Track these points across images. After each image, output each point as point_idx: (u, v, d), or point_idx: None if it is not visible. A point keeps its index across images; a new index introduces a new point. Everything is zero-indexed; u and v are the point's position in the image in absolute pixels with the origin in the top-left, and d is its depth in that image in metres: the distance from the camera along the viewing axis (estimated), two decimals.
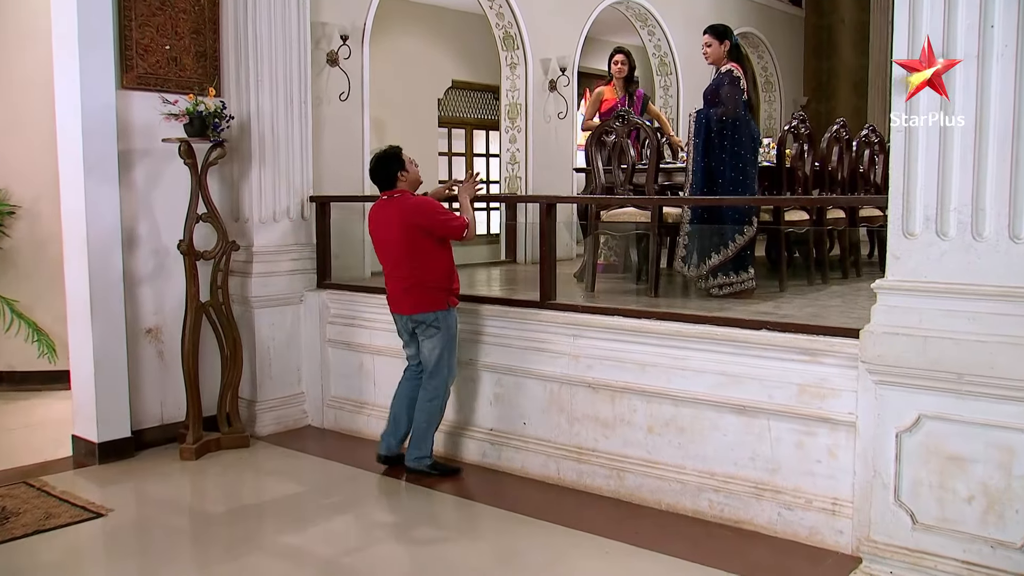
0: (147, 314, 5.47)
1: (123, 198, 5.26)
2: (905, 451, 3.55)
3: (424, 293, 4.76)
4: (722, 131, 5.19)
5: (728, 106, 5.19)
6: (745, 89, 5.30)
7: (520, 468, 4.97)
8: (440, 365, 4.84)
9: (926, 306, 3.46)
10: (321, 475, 5.17)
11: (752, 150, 5.29)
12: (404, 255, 4.76)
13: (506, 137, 8.45)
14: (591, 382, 4.68)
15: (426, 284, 4.75)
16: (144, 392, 5.46)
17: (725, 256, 5.19)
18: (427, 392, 4.88)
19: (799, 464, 4.05)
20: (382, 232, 4.84)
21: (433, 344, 4.81)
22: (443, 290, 4.81)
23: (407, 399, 5.00)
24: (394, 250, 4.79)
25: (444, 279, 4.81)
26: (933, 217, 3.44)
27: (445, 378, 4.88)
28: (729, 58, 5.38)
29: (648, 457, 4.50)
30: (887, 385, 3.57)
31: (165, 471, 5.12)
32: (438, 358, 4.82)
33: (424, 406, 4.89)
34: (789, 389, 4.03)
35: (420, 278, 4.75)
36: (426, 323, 4.79)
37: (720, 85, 5.28)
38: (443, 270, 4.81)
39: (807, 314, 4.63)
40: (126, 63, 5.26)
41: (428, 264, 4.76)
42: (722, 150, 5.18)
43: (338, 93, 6.47)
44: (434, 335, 4.79)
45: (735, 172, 5.18)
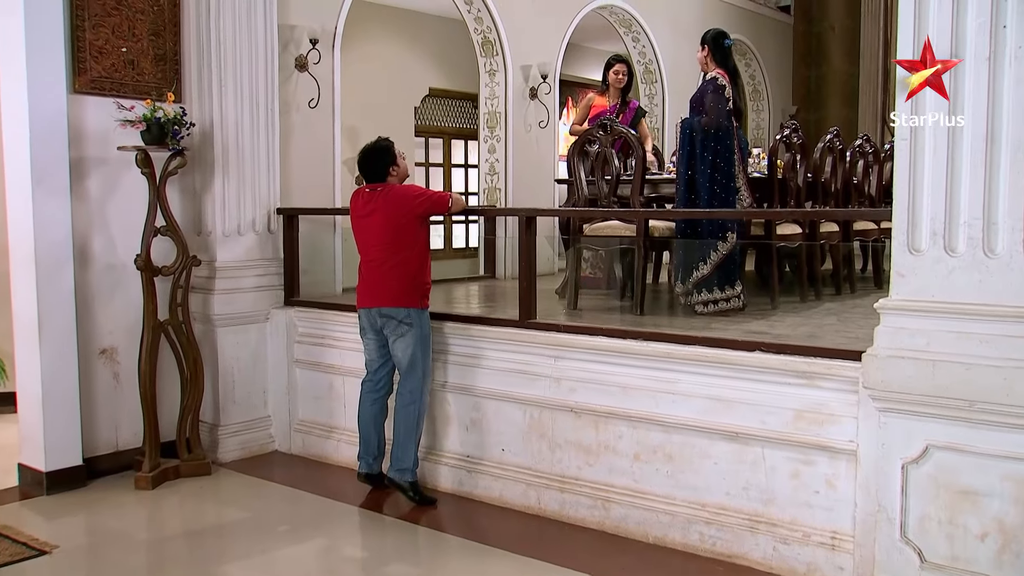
0: (101, 334, 5.24)
1: (75, 210, 5.02)
2: (912, 483, 3.42)
3: (400, 282, 4.66)
4: (704, 141, 5.07)
5: (711, 115, 5.07)
6: (731, 97, 5.15)
7: (498, 497, 4.79)
8: (414, 366, 4.69)
9: (934, 327, 3.33)
10: (287, 505, 4.93)
11: (735, 161, 5.14)
12: (388, 244, 4.68)
13: (485, 147, 8.31)
14: (574, 406, 4.50)
15: (403, 270, 4.66)
16: (97, 417, 5.22)
17: (704, 271, 5.07)
18: (403, 397, 4.73)
19: (796, 495, 3.87)
20: (363, 220, 4.78)
21: (406, 343, 4.67)
22: (418, 286, 4.70)
23: (370, 416, 4.88)
24: (377, 234, 4.72)
25: (423, 272, 4.74)
26: (941, 231, 3.29)
27: (421, 380, 4.72)
28: (717, 64, 5.24)
29: (635, 486, 4.32)
30: (892, 412, 3.45)
31: (118, 502, 4.87)
32: (411, 358, 4.68)
33: (401, 413, 4.73)
34: (785, 415, 3.86)
35: (399, 260, 4.66)
36: (397, 319, 4.66)
37: (704, 93, 5.16)
38: (423, 255, 4.76)
39: (802, 334, 4.49)
40: (79, 66, 5.03)
41: (410, 255, 4.69)
42: (702, 161, 5.07)
43: (307, 100, 6.25)
44: (406, 333, 4.66)
45: (715, 184, 5.06)
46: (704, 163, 5.05)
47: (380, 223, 4.69)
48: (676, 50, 9.68)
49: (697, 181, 5.09)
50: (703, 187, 5.06)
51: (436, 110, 11.42)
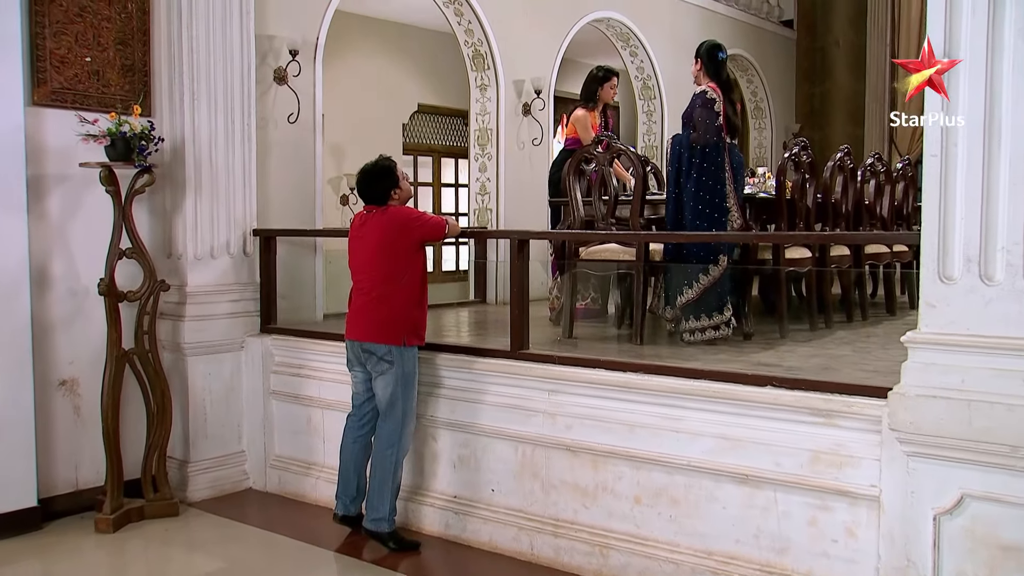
0: (61, 364, 4.98)
1: (33, 230, 4.78)
2: (945, 537, 3.18)
3: (385, 317, 4.41)
4: (691, 158, 4.90)
5: (699, 130, 4.89)
6: (721, 112, 4.94)
7: (488, 542, 4.54)
8: (394, 407, 4.43)
9: (970, 364, 3.08)
10: (260, 550, 4.65)
11: (725, 180, 4.92)
12: (379, 272, 4.45)
13: (476, 165, 8.08)
14: (570, 444, 4.28)
15: (391, 307, 4.41)
16: (55, 454, 4.95)
17: (689, 297, 4.89)
18: (381, 440, 4.48)
19: (812, 544, 3.64)
20: (359, 242, 4.55)
21: (386, 382, 4.42)
22: (405, 322, 4.43)
23: (352, 455, 4.61)
24: (370, 258, 4.48)
25: (412, 307, 4.48)
26: (975, 258, 3.07)
27: (401, 423, 4.45)
28: (710, 77, 5.04)
29: (636, 532, 4.10)
30: (922, 457, 3.22)
31: (76, 547, 4.59)
32: (390, 398, 4.43)
33: (378, 458, 4.47)
34: (799, 456, 3.64)
35: (388, 298, 4.42)
36: (377, 355, 4.41)
37: (694, 108, 4.99)
38: (415, 287, 4.49)
39: (815, 366, 4.26)
40: (38, 76, 4.79)
41: (400, 287, 4.45)
42: (688, 179, 4.90)
43: (287, 114, 6.02)
44: (386, 371, 4.40)
45: (701, 204, 4.87)
46: (690, 181, 4.88)
47: (373, 247, 4.46)
48: (675, 65, 9.49)
49: (683, 200, 4.93)
50: (688, 207, 4.90)
51: (425, 127, 11.26)
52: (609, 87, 6.40)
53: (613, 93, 6.44)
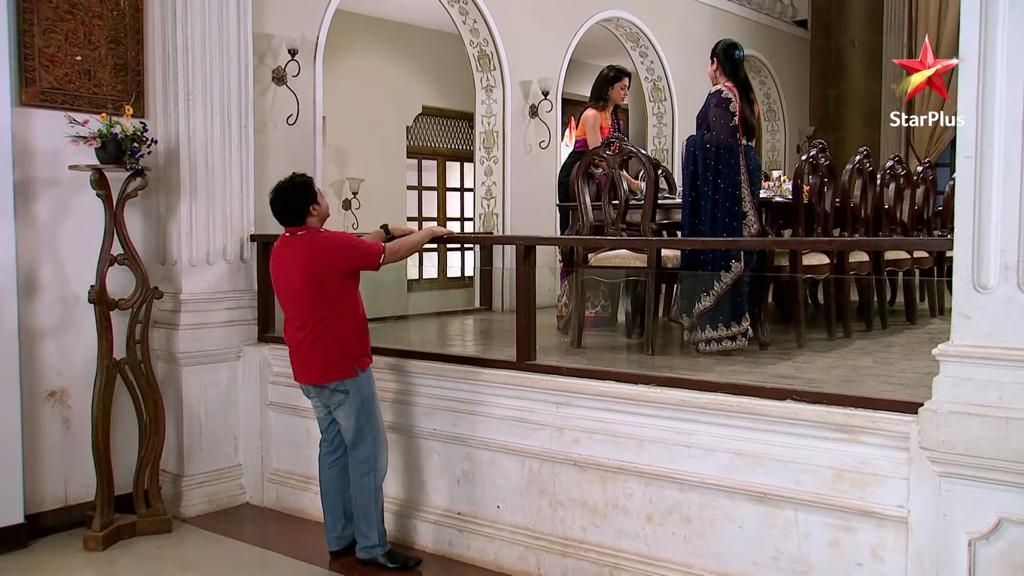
0: (50, 374, 4.85)
1: (20, 236, 4.66)
2: (981, 564, 3.08)
3: (327, 354, 4.21)
4: (706, 160, 4.77)
5: (713, 131, 4.77)
6: (737, 112, 4.80)
7: (492, 560, 4.42)
8: (361, 434, 4.29)
9: (1008, 379, 2.95)
10: (257, 569, 4.51)
11: (741, 184, 4.79)
12: (308, 302, 4.20)
13: (481, 169, 7.97)
14: (578, 459, 4.15)
15: (330, 341, 4.20)
16: (44, 468, 4.81)
17: (706, 305, 4.75)
18: (356, 468, 4.34)
19: (834, 566, 3.50)
20: (283, 276, 4.31)
21: (346, 412, 4.27)
22: (349, 351, 4.24)
23: (330, 481, 4.49)
24: (295, 290, 4.24)
25: (351, 334, 4.26)
26: (1014, 265, 2.96)
27: (372, 445, 4.31)
28: (726, 76, 4.90)
29: (647, 552, 3.98)
30: (955, 478, 3.09)
31: (64, 565, 4.45)
32: (356, 427, 4.28)
33: (358, 486, 4.34)
34: (821, 474, 3.50)
35: (324, 332, 4.19)
36: (329, 389, 4.26)
37: (708, 107, 4.87)
38: (351, 323, 4.26)
39: (836, 378, 4.13)
40: (26, 76, 4.65)
41: (335, 314, 4.21)
42: (704, 182, 4.76)
43: (285, 116, 5.91)
44: (343, 401, 4.25)
45: (716, 207, 4.74)
46: (707, 184, 4.74)
47: (298, 278, 4.20)
48: (687, 66, 9.40)
49: (700, 204, 4.79)
50: (705, 211, 4.76)
51: (430, 130, 11.15)
52: (620, 87, 6.25)
53: (624, 94, 6.30)
